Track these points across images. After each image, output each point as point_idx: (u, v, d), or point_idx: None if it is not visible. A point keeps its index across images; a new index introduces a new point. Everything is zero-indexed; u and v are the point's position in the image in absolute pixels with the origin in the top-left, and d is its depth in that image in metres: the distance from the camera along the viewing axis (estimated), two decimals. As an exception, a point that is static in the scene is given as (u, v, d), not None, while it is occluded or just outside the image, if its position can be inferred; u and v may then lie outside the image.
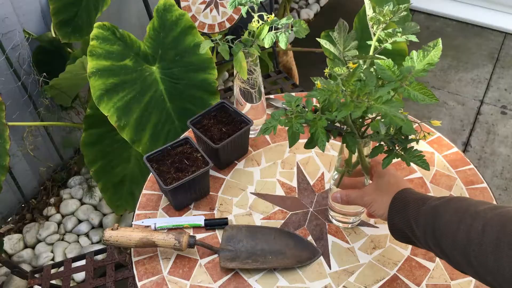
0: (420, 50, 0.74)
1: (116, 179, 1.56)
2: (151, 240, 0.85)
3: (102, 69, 1.26)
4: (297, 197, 0.98)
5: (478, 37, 2.73)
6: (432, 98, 0.71)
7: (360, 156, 0.81)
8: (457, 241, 0.63)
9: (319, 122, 0.71)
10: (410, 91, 0.71)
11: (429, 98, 0.71)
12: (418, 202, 0.72)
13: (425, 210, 0.70)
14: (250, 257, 0.86)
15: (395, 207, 0.75)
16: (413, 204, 0.72)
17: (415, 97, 0.70)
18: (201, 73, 1.35)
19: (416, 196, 0.74)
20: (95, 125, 1.48)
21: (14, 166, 1.75)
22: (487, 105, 2.34)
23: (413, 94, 0.70)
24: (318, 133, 0.71)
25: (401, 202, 0.74)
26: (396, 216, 0.74)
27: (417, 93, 0.71)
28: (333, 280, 0.84)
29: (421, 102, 0.70)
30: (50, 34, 1.68)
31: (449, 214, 0.66)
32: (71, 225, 1.80)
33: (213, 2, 1.58)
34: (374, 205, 0.79)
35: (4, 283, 1.62)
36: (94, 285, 1.21)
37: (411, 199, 0.73)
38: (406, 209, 0.73)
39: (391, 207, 0.75)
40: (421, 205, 0.71)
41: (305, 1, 3.04)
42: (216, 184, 1.01)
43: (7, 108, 1.32)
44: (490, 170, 2.05)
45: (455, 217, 0.64)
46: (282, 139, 1.09)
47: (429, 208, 0.69)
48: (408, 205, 0.73)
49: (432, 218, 0.68)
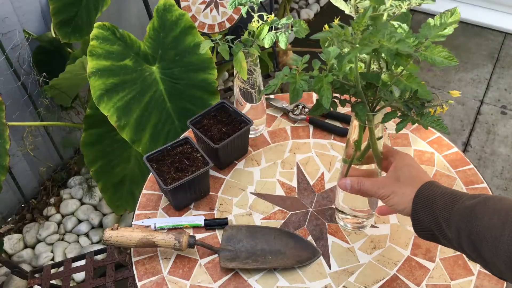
0: (437, 16, 0.68)
1: (116, 179, 1.56)
2: (151, 240, 0.85)
3: (102, 69, 1.26)
4: (297, 197, 0.98)
5: (478, 37, 2.73)
6: (452, 60, 0.64)
7: (371, 139, 0.73)
8: (500, 248, 0.56)
9: (324, 79, 0.66)
10: (427, 55, 0.64)
11: (448, 61, 0.64)
12: (447, 199, 0.65)
13: (458, 210, 0.63)
14: (250, 257, 0.86)
15: (420, 202, 0.68)
16: (441, 201, 0.65)
17: (433, 61, 0.64)
18: (201, 73, 1.35)
19: (444, 191, 0.67)
20: (95, 125, 1.48)
21: (14, 166, 1.74)
22: (487, 105, 2.34)
23: (431, 58, 0.64)
24: (323, 90, 0.65)
25: (427, 197, 0.67)
26: (421, 212, 0.67)
27: (435, 57, 0.64)
28: (333, 280, 0.84)
29: (439, 65, 0.64)
30: (50, 34, 1.68)
31: (488, 216, 0.59)
32: (71, 225, 1.80)
33: (213, 2, 1.58)
34: (394, 198, 0.71)
35: (4, 283, 1.62)
36: (94, 285, 1.21)
37: (438, 194, 0.66)
38: (433, 205, 0.66)
39: (415, 202, 0.68)
40: (452, 202, 0.64)
41: (305, 1, 3.04)
42: (216, 184, 1.01)
43: (7, 108, 1.32)
44: (490, 170, 2.05)
45: (497, 220, 0.58)
46: (282, 139, 1.09)
47: (463, 207, 0.62)
48: (436, 201, 0.66)
49: (467, 220, 0.61)
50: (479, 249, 0.60)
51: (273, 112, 1.16)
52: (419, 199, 0.68)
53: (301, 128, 1.11)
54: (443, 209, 0.65)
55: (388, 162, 0.76)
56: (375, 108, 0.71)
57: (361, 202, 0.84)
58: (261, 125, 1.10)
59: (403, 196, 0.70)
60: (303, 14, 2.91)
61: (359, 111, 0.69)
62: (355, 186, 0.75)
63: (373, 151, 0.75)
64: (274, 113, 1.15)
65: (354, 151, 0.77)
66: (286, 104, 1.15)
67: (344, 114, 1.12)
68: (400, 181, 0.72)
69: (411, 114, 0.67)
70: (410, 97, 0.66)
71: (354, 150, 0.76)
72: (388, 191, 0.72)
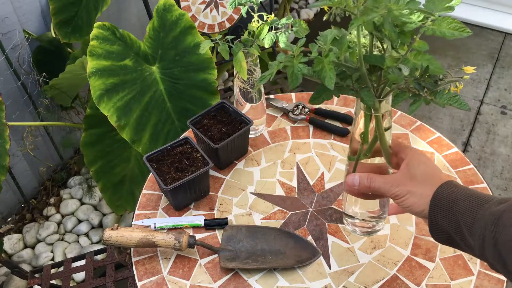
0: None
1: (116, 179, 1.56)
2: (151, 240, 0.85)
3: (102, 69, 1.26)
4: (297, 197, 0.98)
5: (478, 37, 2.73)
6: (463, 31, 0.59)
7: (378, 129, 0.67)
8: None
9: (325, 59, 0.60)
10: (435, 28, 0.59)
11: (459, 32, 0.58)
12: (471, 202, 0.59)
13: (483, 216, 0.57)
14: (250, 257, 0.86)
15: (439, 204, 0.61)
16: (464, 204, 0.59)
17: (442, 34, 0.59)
18: (201, 73, 1.35)
19: (467, 193, 0.60)
20: (95, 125, 1.48)
21: (14, 166, 1.74)
22: (487, 105, 2.34)
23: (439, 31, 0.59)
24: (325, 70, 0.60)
25: (447, 198, 0.61)
26: (440, 215, 0.61)
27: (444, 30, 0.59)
28: (333, 280, 0.84)
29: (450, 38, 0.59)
30: (50, 34, 1.68)
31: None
32: (71, 225, 1.80)
33: (213, 2, 1.58)
34: (411, 198, 0.64)
35: (4, 283, 1.62)
36: (94, 285, 1.21)
37: (461, 196, 0.60)
38: (454, 208, 0.60)
39: (433, 203, 0.62)
40: (477, 207, 0.58)
41: (305, 1, 3.04)
42: (216, 184, 1.01)
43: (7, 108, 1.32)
44: (490, 170, 2.04)
45: None
46: (282, 139, 1.09)
47: (488, 213, 0.56)
48: (457, 204, 0.60)
49: (494, 228, 0.55)
50: (505, 260, 0.55)
51: (273, 112, 1.16)
52: (438, 200, 0.62)
53: (301, 128, 1.11)
54: (465, 214, 0.59)
55: (399, 158, 0.70)
56: (380, 95, 0.66)
57: (370, 203, 0.79)
58: (261, 125, 1.10)
59: (421, 197, 0.63)
60: (303, 14, 2.91)
61: (365, 96, 0.63)
62: (364, 182, 0.68)
63: (381, 144, 0.69)
64: (274, 113, 1.15)
65: (360, 145, 0.70)
66: (286, 104, 1.15)
67: (344, 114, 1.12)
68: (416, 179, 0.65)
69: (424, 93, 0.61)
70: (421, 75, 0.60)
71: (361, 144, 0.70)
72: (404, 191, 0.65)
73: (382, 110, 0.67)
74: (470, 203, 0.59)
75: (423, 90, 0.61)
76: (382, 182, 0.67)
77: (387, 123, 0.68)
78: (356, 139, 0.71)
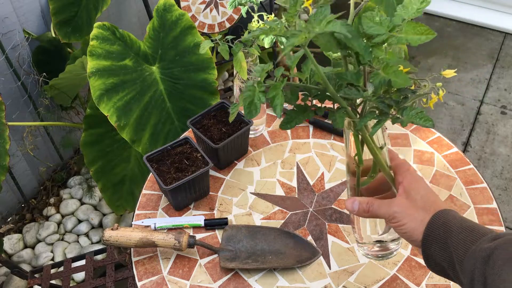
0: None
1: (116, 179, 1.56)
2: (151, 240, 0.85)
3: (102, 69, 1.26)
4: (297, 197, 0.98)
5: (478, 37, 2.73)
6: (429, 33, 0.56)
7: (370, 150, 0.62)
8: None
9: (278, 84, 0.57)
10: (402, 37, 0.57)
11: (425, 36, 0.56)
12: (465, 236, 0.55)
13: (474, 252, 0.53)
14: (250, 257, 0.86)
15: (433, 233, 0.58)
16: (458, 237, 0.56)
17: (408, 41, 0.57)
18: (201, 73, 1.35)
19: (463, 225, 0.57)
20: (95, 125, 1.48)
21: (14, 166, 1.74)
22: (487, 105, 2.34)
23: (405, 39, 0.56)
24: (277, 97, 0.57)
25: (442, 227, 0.58)
26: (434, 245, 0.58)
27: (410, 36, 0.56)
28: (333, 280, 0.84)
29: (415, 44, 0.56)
30: (50, 34, 1.68)
31: (508, 266, 0.49)
32: (71, 225, 1.80)
33: (213, 2, 1.58)
34: (411, 224, 0.60)
35: (4, 283, 1.62)
36: (94, 285, 1.21)
37: (455, 228, 0.56)
38: (448, 240, 0.56)
39: (428, 231, 0.58)
40: (470, 242, 0.54)
41: (305, 1, 3.04)
42: (216, 184, 1.01)
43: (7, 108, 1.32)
44: (490, 170, 2.05)
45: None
46: (282, 139, 1.09)
47: (479, 250, 0.53)
48: (451, 237, 0.56)
49: (482, 266, 0.52)
50: None
51: (273, 112, 1.16)
52: (432, 229, 0.58)
53: (301, 128, 1.12)
54: (458, 248, 0.55)
55: (396, 180, 0.66)
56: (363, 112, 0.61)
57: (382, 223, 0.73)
58: (261, 125, 1.10)
59: (417, 223, 0.60)
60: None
61: (338, 117, 0.59)
62: (364, 206, 0.65)
63: (378, 165, 0.65)
64: (274, 113, 1.15)
65: (357, 167, 0.67)
66: (286, 104, 1.15)
67: (344, 114, 1.12)
68: (417, 205, 0.61)
69: (389, 112, 0.57)
70: (386, 90, 0.56)
71: (357, 166, 0.66)
72: (404, 215, 0.61)
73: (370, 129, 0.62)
74: (464, 236, 0.56)
75: (389, 109, 0.57)
76: (380, 203, 0.64)
77: (380, 140, 0.64)
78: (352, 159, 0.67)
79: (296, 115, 0.62)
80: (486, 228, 0.56)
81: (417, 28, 0.56)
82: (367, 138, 0.62)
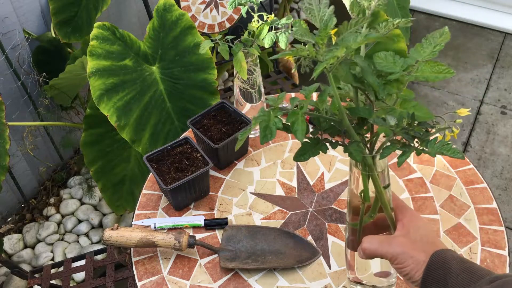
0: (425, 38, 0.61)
1: (116, 179, 1.56)
2: (151, 240, 0.85)
3: (102, 69, 1.26)
4: (297, 197, 0.98)
5: (478, 37, 2.73)
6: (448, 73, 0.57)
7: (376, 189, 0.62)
8: None
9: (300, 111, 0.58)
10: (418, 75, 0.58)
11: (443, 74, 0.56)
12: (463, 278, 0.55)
13: None
14: (250, 257, 0.86)
15: (433, 274, 0.57)
16: (457, 279, 0.55)
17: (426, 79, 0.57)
18: (201, 73, 1.35)
19: (462, 266, 0.56)
20: (95, 125, 1.48)
21: (14, 166, 1.75)
22: (487, 105, 2.34)
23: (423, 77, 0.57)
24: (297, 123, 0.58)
25: (441, 268, 0.57)
26: (434, 286, 0.57)
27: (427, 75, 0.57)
28: (333, 280, 0.84)
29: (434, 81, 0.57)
30: (50, 34, 1.68)
31: None
32: (71, 225, 1.80)
33: (213, 2, 1.58)
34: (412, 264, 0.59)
35: (4, 283, 1.62)
36: (94, 285, 1.21)
37: (454, 267, 0.56)
38: (447, 280, 0.56)
39: (427, 271, 0.58)
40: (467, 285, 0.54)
41: (305, 1, 3.04)
42: (216, 184, 1.01)
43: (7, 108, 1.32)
44: (490, 170, 2.05)
45: None
46: (282, 139, 1.09)
47: None
48: (451, 278, 0.56)
49: None
50: None
51: (273, 112, 1.16)
52: (432, 270, 0.58)
53: (301, 128, 1.11)
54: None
55: (395, 217, 0.66)
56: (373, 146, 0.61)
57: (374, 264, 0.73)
58: (261, 125, 1.10)
59: (417, 263, 0.59)
60: (303, 14, 2.91)
61: (354, 151, 0.59)
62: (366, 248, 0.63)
63: (382, 205, 0.64)
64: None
65: (362, 204, 0.66)
66: (286, 104, 1.15)
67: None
68: (417, 244, 0.60)
69: (413, 143, 0.57)
70: (409, 123, 0.57)
71: (362, 203, 0.66)
72: (404, 256, 0.60)
73: (378, 169, 0.62)
74: (463, 278, 0.55)
75: (413, 140, 0.57)
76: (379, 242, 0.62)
77: (386, 179, 0.64)
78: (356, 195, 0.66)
79: (310, 148, 0.62)
80: (485, 269, 0.56)
81: (435, 68, 0.57)
82: (375, 177, 0.61)
